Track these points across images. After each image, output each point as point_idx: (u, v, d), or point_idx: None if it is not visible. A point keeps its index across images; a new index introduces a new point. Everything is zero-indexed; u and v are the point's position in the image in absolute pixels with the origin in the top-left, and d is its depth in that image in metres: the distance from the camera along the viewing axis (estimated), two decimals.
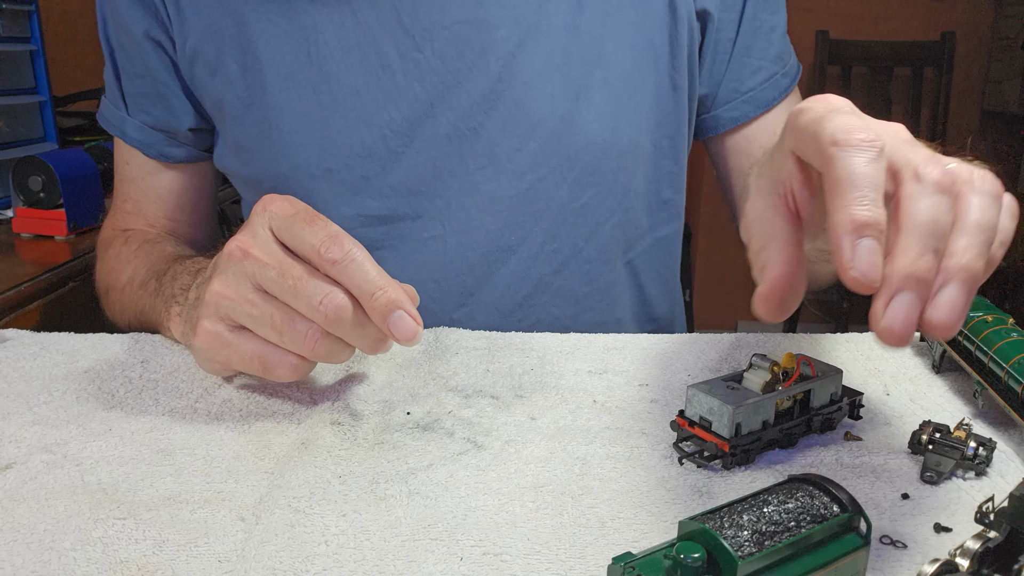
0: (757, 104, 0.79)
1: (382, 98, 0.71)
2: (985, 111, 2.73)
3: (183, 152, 0.80)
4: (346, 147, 0.72)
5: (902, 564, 0.38)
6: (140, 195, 0.82)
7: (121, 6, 0.74)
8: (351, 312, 0.48)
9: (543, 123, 0.72)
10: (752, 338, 0.66)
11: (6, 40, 1.39)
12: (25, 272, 1.10)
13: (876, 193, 0.35)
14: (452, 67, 0.70)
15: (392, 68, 0.70)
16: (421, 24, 0.70)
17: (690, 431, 0.47)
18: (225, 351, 0.51)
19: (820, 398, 0.49)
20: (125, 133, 0.80)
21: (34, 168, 1.27)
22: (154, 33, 0.74)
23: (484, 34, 0.70)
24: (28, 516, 0.42)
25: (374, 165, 0.72)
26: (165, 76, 0.76)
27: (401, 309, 0.48)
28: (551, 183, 0.73)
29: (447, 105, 0.71)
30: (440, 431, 0.51)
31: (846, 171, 0.35)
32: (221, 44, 0.72)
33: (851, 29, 2.62)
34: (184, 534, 0.40)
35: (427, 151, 0.72)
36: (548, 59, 0.71)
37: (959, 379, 0.58)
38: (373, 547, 0.39)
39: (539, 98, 0.71)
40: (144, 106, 0.78)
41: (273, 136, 0.72)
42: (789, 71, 0.81)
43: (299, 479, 0.45)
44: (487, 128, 0.71)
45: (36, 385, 0.57)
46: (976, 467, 0.46)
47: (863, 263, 0.34)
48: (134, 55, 0.76)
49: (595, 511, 0.42)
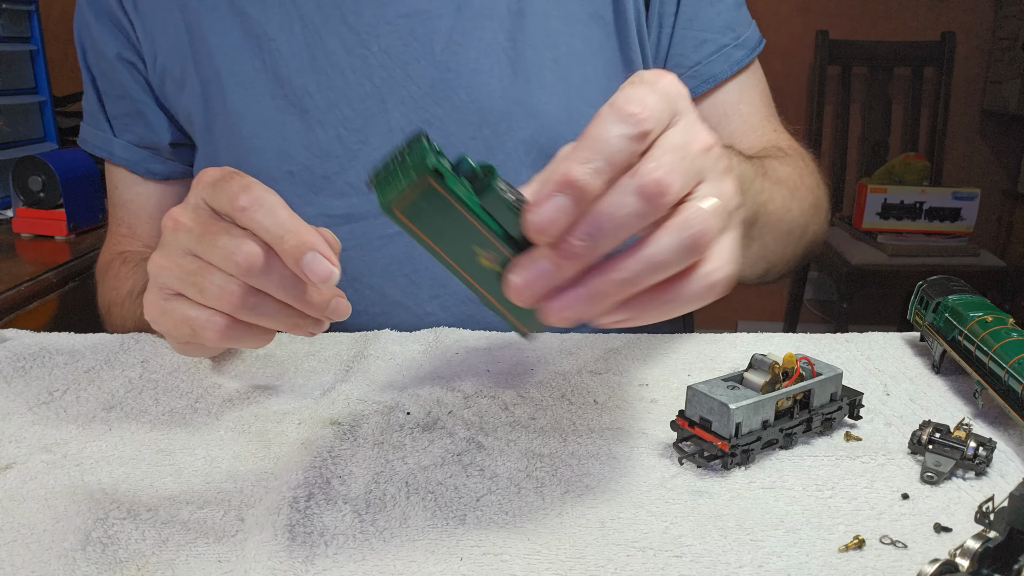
0: (703, 79, 0.77)
1: (333, 96, 0.72)
2: (985, 111, 2.73)
3: (168, 168, 0.82)
4: (304, 148, 0.73)
5: (902, 564, 0.38)
6: (133, 217, 0.84)
7: (94, 31, 0.77)
8: (263, 258, 0.46)
9: (494, 108, 0.72)
10: (752, 338, 0.66)
11: (6, 40, 1.39)
12: (25, 272, 1.10)
13: (606, 164, 0.33)
14: (399, 60, 0.71)
15: (340, 66, 0.71)
16: (365, 20, 0.71)
17: (690, 431, 0.47)
18: (163, 319, 0.50)
19: (820, 398, 0.49)
20: (112, 153, 0.82)
21: (34, 168, 1.27)
22: (126, 54, 0.76)
23: (427, 24, 0.71)
24: (28, 516, 0.42)
25: (332, 164, 0.73)
26: (141, 95, 0.78)
27: (314, 250, 0.45)
28: (511, 167, 0.73)
29: (398, 99, 0.72)
30: (440, 431, 0.51)
31: (593, 131, 0.34)
32: (184, 60, 0.74)
33: (851, 29, 2.62)
34: (184, 534, 0.40)
35: (383, 146, 0.73)
36: (493, 43, 0.71)
37: (959, 379, 0.58)
38: (373, 547, 0.39)
39: (488, 83, 0.71)
40: (127, 125, 0.80)
41: (236, 144, 0.74)
42: (744, 43, 0.78)
43: (299, 479, 0.45)
44: (440, 118, 0.72)
45: (36, 385, 0.57)
46: (976, 467, 0.46)
47: (547, 213, 0.33)
48: (112, 78, 0.78)
49: (595, 511, 0.42)
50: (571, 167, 0.33)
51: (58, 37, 2.25)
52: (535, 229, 0.34)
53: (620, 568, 0.38)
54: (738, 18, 0.78)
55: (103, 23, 0.76)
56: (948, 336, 0.58)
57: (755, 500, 0.43)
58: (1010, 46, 2.55)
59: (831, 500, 0.43)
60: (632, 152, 0.34)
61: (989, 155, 2.79)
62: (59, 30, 2.24)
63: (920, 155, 2.51)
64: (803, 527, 0.41)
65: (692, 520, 0.42)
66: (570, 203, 0.33)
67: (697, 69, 0.77)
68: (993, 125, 2.75)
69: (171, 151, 0.80)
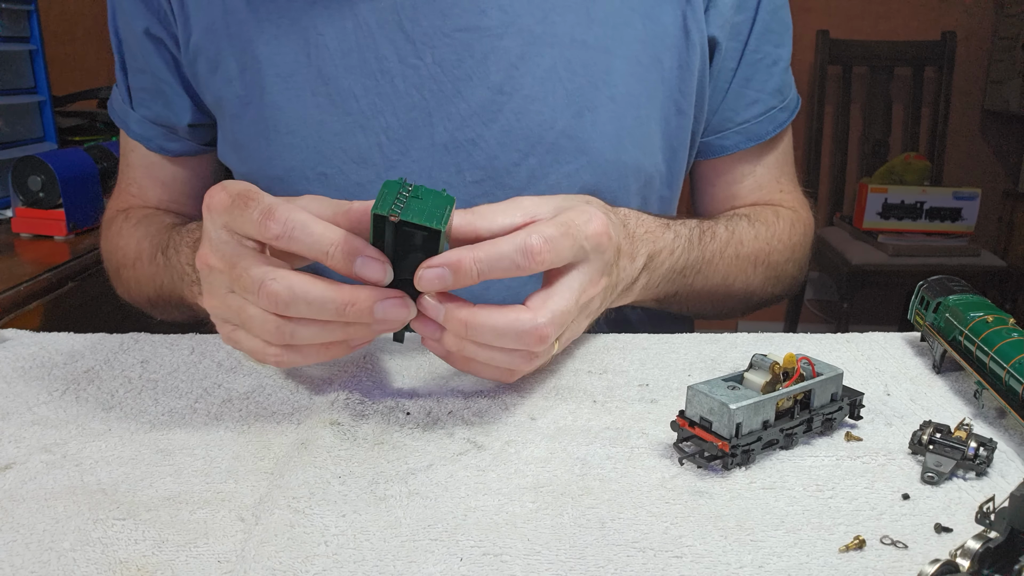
0: (749, 136, 0.78)
1: (380, 103, 0.69)
2: (985, 111, 2.73)
3: (182, 146, 0.80)
4: (341, 151, 0.71)
5: (902, 564, 0.38)
6: (145, 181, 0.83)
7: (124, 2, 0.74)
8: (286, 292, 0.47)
9: (543, 138, 0.70)
10: (752, 338, 0.66)
11: (6, 40, 1.39)
12: (25, 272, 1.10)
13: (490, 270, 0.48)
14: (451, 75, 0.69)
15: (391, 73, 0.69)
16: (422, 29, 0.68)
17: (690, 431, 0.47)
18: (237, 348, 0.53)
19: (820, 398, 0.49)
20: (128, 126, 0.81)
21: (33, 168, 1.27)
22: (155, 30, 0.74)
23: (486, 42, 0.68)
24: (28, 516, 0.42)
25: (368, 172, 0.71)
26: (165, 73, 0.76)
27: (363, 255, 0.47)
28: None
29: (445, 114, 0.69)
30: (440, 431, 0.51)
31: (496, 246, 0.49)
32: (221, 41, 0.71)
33: (851, 29, 2.62)
34: (184, 534, 0.40)
35: (423, 160, 0.70)
36: (551, 71, 0.69)
37: (959, 379, 0.58)
38: (373, 547, 0.39)
39: (541, 112, 0.69)
40: (145, 101, 0.79)
41: (270, 137, 0.72)
42: (788, 105, 0.80)
43: (299, 479, 0.45)
44: (485, 140, 0.70)
45: (36, 385, 0.57)
46: (977, 467, 0.46)
47: (431, 276, 0.47)
48: (136, 51, 0.76)
49: (595, 511, 0.42)
50: (464, 257, 0.47)
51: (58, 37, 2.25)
52: (418, 284, 0.47)
53: (620, 569, 0.38)
54: (786, 80, 0.80)
55: None
56: (949, 336, 0.58)
57: (755, 500, 0.43)
58: (1010, 46, 2.55)
59: (832, 500, 0.43)
60: (518, 268, 0.48)
61: (990, 155, 2.79)
62: (59, 30, 2.25)
63: (921, 155, 2.51)
64: (803, 527, 0.41)
65: (692, 520, 0.41)
66: (451, 279, 0.47)
67: (746, 127, 0.78)
68: (994, 125, 2.75)
69: (188, 131, 0.79)
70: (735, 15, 0.74)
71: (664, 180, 0.77)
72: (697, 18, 0.72)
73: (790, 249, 0.78)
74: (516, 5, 0.68)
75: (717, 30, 0.73)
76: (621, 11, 0.70)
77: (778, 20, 0.77)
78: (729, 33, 0.74)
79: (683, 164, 0.78)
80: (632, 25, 0.71)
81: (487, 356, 0.50)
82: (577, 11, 0.69)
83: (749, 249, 0.74)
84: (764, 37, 0.76)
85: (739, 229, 0.74)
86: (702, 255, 0.69)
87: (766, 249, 0.76)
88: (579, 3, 0.69)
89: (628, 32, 0.71)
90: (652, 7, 0.71)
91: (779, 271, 0.78)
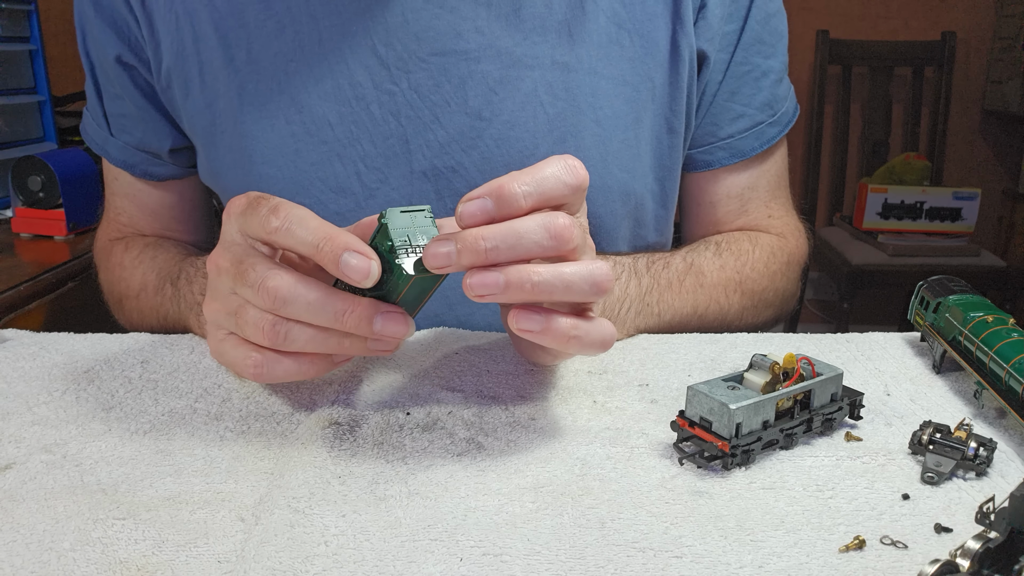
0: (733, 152, 0.76)
1: (356, 130, 0.68)
2: (985, 111, 2.73)
3: (167, 170, 0.79)
4: (319, 181, 0.68)
5: (902, 564, 0.38)
6: (134, 210, 0.81)
7: (94, 29, 0.72)
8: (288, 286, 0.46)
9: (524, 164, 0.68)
10: (752, 338, 0.66)
11: (5, 40, 1.40)
12: (25, 272, 1.10)
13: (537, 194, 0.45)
14: (428, 101, 0.67)
15: (366, 99, 0.67)
16: (396, 54, 0.66)
17: (690, 431, 0.47)
18: (221, 359, 0.51)
19: (820, 398, 0.49)
20: (108, 153, 0.79)
21: (33, 168, 1.27)
22: (126, 57, 0.72)
23: (463, 67, 0.66)
24: (28, 516, 0.42)
25: (348, 201, 0.69)
26: (140, 100, 0.74)
27: (349, 249, 0.45)
28: None
29: (423, 141, 0.68)
30: (440, 431, 0.51)
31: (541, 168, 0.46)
32: (190, 68, 0.70)
33: (851, 29, 2.62)
34: (184, 534, 0.40)
35: (402, 188, 0.69)
36: (532, 95, 0.67)
37: (959, 379, 0.58)
38: (373, 547, 0.39)
39: (521, 138, 0.67)
40: (126, 127, 0.77)
41: (246, 166, 0.70)
42: (779, 120, 0.77)
43: (299, 479, 0.45)
44: (466, 167, 0.68)
45: (36, 385, 0.57)
46: (977, 467, 0.46)
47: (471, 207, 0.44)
48: (112, 76, 0.74)
49: (595, 511, 0.42)
50: (507, 182, 0.44)
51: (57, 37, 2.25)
52: (458, 219, 0.44)
53: (620, 569, 0.38)
54: (777, 94, 0.76)
55: (104, 21, 0.71)
56: (949, 336, 0.58)
57: (755, 500, 0.43)
58: (1010, 46, 2.55)
59: (831, 500, 0.43)
60: (562, 197, 0.45)
61: (989, 155, 2.79)
62: (58, 30, 2.25)
63: (920, 155, 2.51)
64: (803, 527, 0.41)
65: (692, 520, 0.41)
66: (493, 207, 0.44)
67: (729, 143, 0.75)
68: (993, 125, 2.75)
69: (171, 156, 0.77)
70: (724, 25, 0.72)
71: (657, 199, 0.75)
72: (687, 32, 0.70)
73: (767, 278, 0.76)
74: (494, 27, 0.67)
75: (706, 43, 0.71)
76: (608, 30, 0.69)
77: (769, 30, 0.74)
78: (719, 45, 0.72)
79: (677, 182, 0.77)
80: (620, 44, 0.69)
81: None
82: (559, 32, 0.68)
83: (714, 279, 0.71)
84: (752, 48, 0.73)
85: (700, 259, 0.72)
86: (655, 281, 0.68)
87: (736, 278, 0.73)
88: (561, 24, 0.68)
89: (616, 51, 0.69)
90: (642, 23, 0.69)
91: (757, 300, 0.75)
